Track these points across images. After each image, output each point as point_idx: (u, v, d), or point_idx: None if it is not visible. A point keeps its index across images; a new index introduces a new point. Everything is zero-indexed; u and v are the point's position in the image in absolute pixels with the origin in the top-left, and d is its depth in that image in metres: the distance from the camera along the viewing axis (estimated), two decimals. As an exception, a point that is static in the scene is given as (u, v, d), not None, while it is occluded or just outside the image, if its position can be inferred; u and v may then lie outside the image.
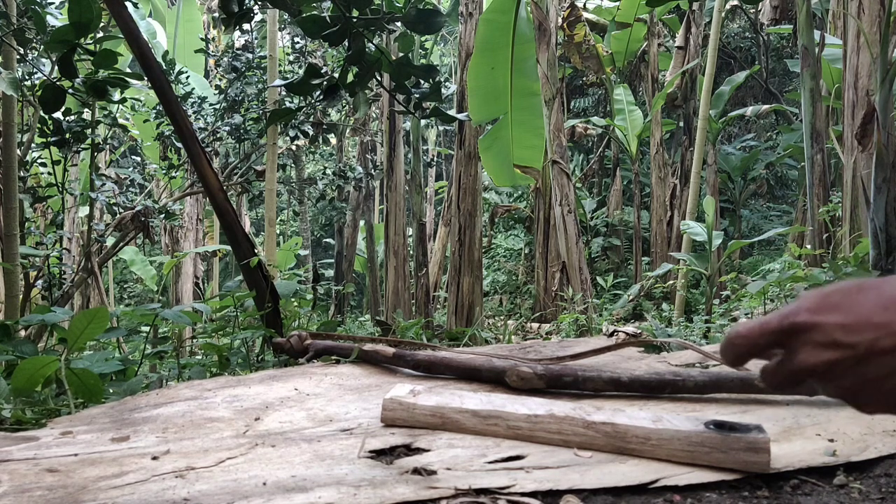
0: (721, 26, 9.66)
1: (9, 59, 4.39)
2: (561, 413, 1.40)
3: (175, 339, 4.38)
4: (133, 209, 6.32)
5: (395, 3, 3.22)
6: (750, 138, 15.54)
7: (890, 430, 1.46)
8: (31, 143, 5.57)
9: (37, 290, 5.61)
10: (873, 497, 1.20)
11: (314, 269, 9.78)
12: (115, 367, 2.28)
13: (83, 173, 8.54)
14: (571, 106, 16.58)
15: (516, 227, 15.32)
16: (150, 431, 1.53)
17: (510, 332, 6.00)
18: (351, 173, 10.90)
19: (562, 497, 1.16)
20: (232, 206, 3.23)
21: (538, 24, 7.95)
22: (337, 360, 2.33)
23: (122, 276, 16.02)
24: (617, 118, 11.91)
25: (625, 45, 12.11)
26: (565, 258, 7.68)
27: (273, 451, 1.38)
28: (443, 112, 3.65)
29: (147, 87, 3.40)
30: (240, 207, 12.56)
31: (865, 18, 4.81)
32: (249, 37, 9.61)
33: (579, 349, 2.47)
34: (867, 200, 4.09)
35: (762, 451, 1.25)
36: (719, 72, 12.54)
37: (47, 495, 1.16)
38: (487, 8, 8.48)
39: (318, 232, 19.86)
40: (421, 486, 1.17)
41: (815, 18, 8.70)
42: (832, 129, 6.94)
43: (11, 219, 4.25)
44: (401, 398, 1.54)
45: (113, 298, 12.77)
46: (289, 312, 3.33)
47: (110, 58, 3.22)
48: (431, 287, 11.48)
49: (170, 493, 1.16)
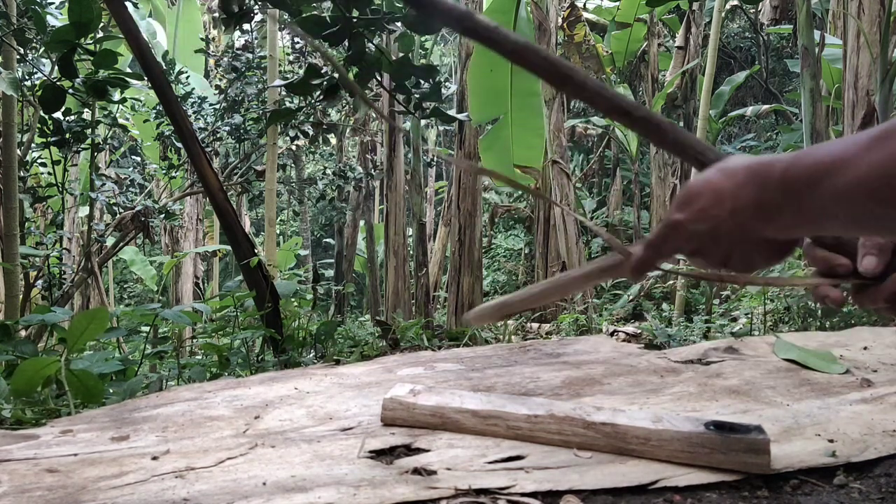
0: (721, 26, 9.66)
1: (9, 59, 4.38)
2: (561, 413, 1.40)
3: (175, 339, 4.38)
4: (133, 209, 6.32)
5: (396, 3, 3.22)
6: (750, 138, 15.53)
7: (890, 430, 1.46)
8: (31, 143, 5.56)
9: (37, 290, 5.61)
10: (873, 497, 1.20)
11: (314, 269, 9.77)
12: (115, 368, 2.28)
13: (83, 173, 8.53)
14: (571, 106, 16.56)
15: (516, 227, 15.31)
16: (150, 431, 1.53)
17: (510, 332, 5.99)
18: (351, 173, 10.90)
19: (562, 497, 1.16)
20: (232, 206, 3.23)
21: (538, 24, 7.94)
22: (337, 361, 2.33)
23: (122, 276, 16.01)
24: (617, 118, 11.89)
25: (625, 45, 12.10)
26: (565, 258, 7.67)
27: (273, 450, 1.38)
28: (443, 112, 3.65)
29: (147, 87, 3.41)
30: (240, 207, 12.56)
31: (865, 18, 4.80)
32: (249, 37, 9.60)
33: (579, 346, 2.47)
34: (867, 200, 4.08)
35: (762, 451, 1.25)
36: (719, 72, 12.54)
37: (47, 495, 1.16)
38: (487, 8, 8.47)
39: (318, 232, 19.85)
40: (421, 487, 1.17)
41: (815, 18, 8.70)
42: (832, 129, 6.94)
43: (11, 219, 4.24)
44: (401, 398, 1.53)
45: (113, 298, 12.77)
46: (289, 312, 3.33)
47: (110, 58, 3.22)
48: (431, 287, 11.47)
49: (170, 493, 1.16)
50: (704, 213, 0.73)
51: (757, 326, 3.94)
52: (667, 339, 3.02)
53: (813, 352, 2.10)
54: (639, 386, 1.88)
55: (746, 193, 0.71)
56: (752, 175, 0.71)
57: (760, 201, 0.70)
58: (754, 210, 0.71)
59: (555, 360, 2.26)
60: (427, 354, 2.59)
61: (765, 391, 1.79)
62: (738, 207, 0.71)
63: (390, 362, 2.30)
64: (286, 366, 2.86)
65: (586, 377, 1.97)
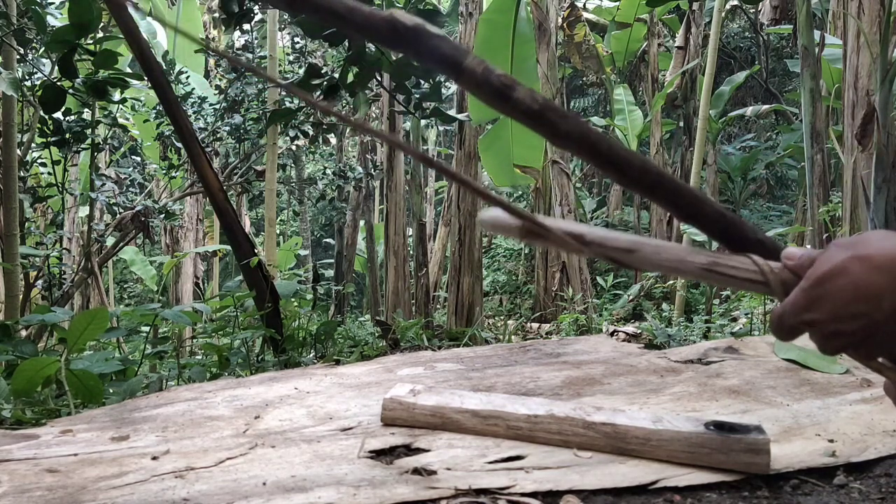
0: (721, 26, 9.65)
1: (9, 59, 4.38)
2: (561, 413, 1.40)
3: (175, 339, 4.38)
4: (133, 209, 6.31)
5: (395, 3, 3.22)
6: (750, 138, 15.53)
7: (890, 430, 1.46)
8: (31, 143, 5.56)
9: (37, 290, 5.61)
10: (873, 497, 1.20)
11: (314, 269, 9.77)
12: (114, 368, 2.28)
13: (83, 173, 8.52)
14: (571, 106, 16.58)
15: (516, 227, 15.28)
16: (150, 431, 1.53)
17: (510, 332, 5.99)
18: (351, 173, 10.90)
19: (562, 497, 1.16)
20: (232, 206, 3.23)
21: (538, 24, 7.94)
22: (337, 361, 2.33)
23: (122, 276, 16.00)
24: (617, 118, 11.90)
25: (625, 45, 12.11)
26: (565, 258, 7.67)
27: (273, 451, 1.38)
28: (443, 112, 3.65)
29: (147, 87, 3.40)
30: (240, 207, 12.55)
31: (865, 18, 4.80)
32: (249, 37, 9.60)
33: (579, 346, 2.47)
34: (867, 200, 4.08)
35: (762, 451, 1.25)
36: (719, 72, 12.52)
37: (47, 495, 1.16)
38: (487, 8, 8.47)
39: (318, 232, 19.84)
40: (421, 487, 1.17)
41: (815, 18, 8.70)
42: (832, 129, 6.93)
43: (11, 219, 4.24)
44: (401, 398, 1.53)
45: (113, 298, 12.76)
46: (289, 312, 3.33)
47: (110, 58, 3.22)
48: (431, 287, 11.46)
49: (170, 493, 1.16)
50: (852, 313, 0.66)
51: (757, 326, 3.94)
52: (667, 339, 3.02)
53: (813, 352, 2.10)
54: (639, 386, 1.88)
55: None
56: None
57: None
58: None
59: (555, 360, 2.26)
60: (427, 354, 2.58)
61: (765, 391, 1.79)
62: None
63: (390, 362, 2.30)
64: (286, 366, 2.86)
65: (586, 377, 1.97)
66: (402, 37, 0.77)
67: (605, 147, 0.75)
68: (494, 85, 0.75)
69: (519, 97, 0.74)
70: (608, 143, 0.75)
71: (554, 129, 0.75)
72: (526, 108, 0.74)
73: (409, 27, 0.76)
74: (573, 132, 0.74)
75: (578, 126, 0.74)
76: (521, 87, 0.75)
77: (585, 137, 0.75)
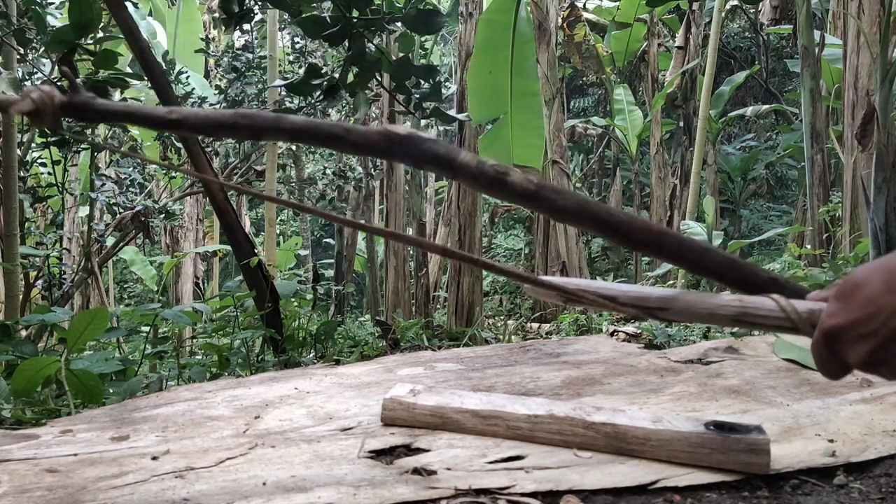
0: (721, 26, 9.65)
1: (9, 59, 4.38)
2: (561, 413, 1.40)
3: (175, 339, 4.38)
4: (133, 209, 6.31)
5: (396, 3, 3.22)
6: (750, 138, 15.53)
7: (890, 430, 1.46)
8: (31, 143, 5.56)
9: (37, 290, 5.61)
10: (873, 497, 1.20)
11: (314, 269, 9.76)
12: (114, 368, 2.28)
13: (83, 173, 8.52)
14: (571, 106, 16.57)
15: (516, 227, 15.30)
16: (150, 430, 1.53)
17: (510, 332, 5.99)
18: (351, 173, 10.90)
19: (562, 497, 1.16)
20: (232, 206, 3.23)
21: (538, 24, 7.94)
22: (337, 361, 2.33)
23: (122, 276, 15.99)
24: (617, 118, 11.90)
25: (625, 45, 12.10)
26: (565, 258, 7.67)
27: (273, 451, 1.38)
28: (443, 112, 3.65)
29: (147, 87, 3.40)
30: (240, 207, 12.55)
31: (865, 18, 4.80)
32: (249, 37, 9.60)
33: (579, 346, 2.47)
34: (867, 200, 4.08)
35: (762, 451, 1.25)
36: (719, 72, 12.52)
37: (47, 495, 1.16)
38: (487, 8, 8.47)
39: (318, 232, 19.83)
40: (421, 487, 1.17)
41: (815, 18, 8.70)
42: (832, 129, 6.94)
43: (11, 219, 4.24)
44: (401, 398, 1.53)
45: (113, 298, 12.76)
46: (289, 312, 3.33)
47: (110, 58, 3.22)
48: (431, 287, 11.45)
49: (170, 493, 1.16)
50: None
51: (757, 326, 3.94)
52: (667, 338, 3.02)
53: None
54: (639, 386, 1.88)
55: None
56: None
57: None
58: None
59: (555, 359, 2.26)
60: (427, 354, 2.59)
61: (765, 391, 1.79)
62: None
63: (390, 362, 2.30)
64: (286, 366, 2.86)
65: (586, 377, 1.97)
66: (397, 146, 0.82)
67: (604, 214, 0.79)
68: (490, 175, 0.81)
69: (514, 182, 0.80)
70: (607, 210, 0.79)
71: (552, 205, 0.80)
72: (522, 190, 0.80)
73: (402, 137, 0.82)
74: (570, 205, 0.79)
75: (574, 199, 0.79)
76: (515, 172, 0.81)
77: (584, 208, 0.79)
